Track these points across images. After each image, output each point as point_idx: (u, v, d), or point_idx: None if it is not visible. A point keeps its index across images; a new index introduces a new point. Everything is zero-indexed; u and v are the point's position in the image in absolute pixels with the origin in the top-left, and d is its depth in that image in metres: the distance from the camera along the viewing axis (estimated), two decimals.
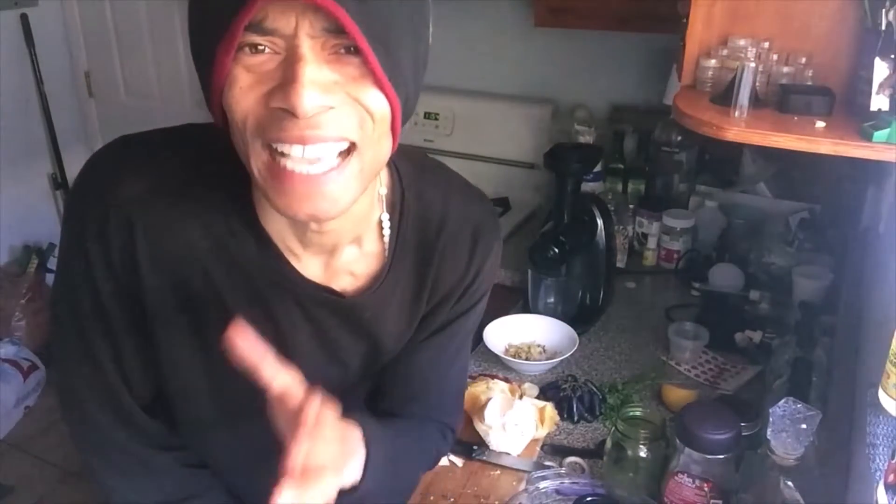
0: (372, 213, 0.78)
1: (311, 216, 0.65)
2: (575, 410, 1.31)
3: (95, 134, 3.18)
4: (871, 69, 0.91)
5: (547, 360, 1.47)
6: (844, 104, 1.01)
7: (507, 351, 1.50)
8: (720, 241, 1.88)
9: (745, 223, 1.88)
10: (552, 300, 1.63)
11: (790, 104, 1.00)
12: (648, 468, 1.07)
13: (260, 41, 0.58)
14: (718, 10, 1.11)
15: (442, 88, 2.33)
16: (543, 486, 1.07)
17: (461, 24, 2.27)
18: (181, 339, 0.77)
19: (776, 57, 1.08)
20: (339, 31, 0.57)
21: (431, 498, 1.13)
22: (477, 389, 1.29)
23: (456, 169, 0.89)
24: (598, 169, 2.02)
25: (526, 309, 1.65)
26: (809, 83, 1.06)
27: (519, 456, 1.21)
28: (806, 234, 1.76)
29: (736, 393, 1.37)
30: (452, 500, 1.13)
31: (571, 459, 1.21)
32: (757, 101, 1.01)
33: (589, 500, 1.01)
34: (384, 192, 0.79)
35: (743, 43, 1.09)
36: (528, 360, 1.47)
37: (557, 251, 1.51)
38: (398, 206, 0.81)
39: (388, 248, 0.81)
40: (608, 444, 1.11)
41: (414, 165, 0.83)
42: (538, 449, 1.24)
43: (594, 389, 1.35)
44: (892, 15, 0.89)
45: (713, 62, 1.11)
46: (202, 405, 0.84)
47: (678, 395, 1.33)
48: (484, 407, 1.23)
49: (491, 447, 1.22)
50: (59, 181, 3.09)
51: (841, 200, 1.77)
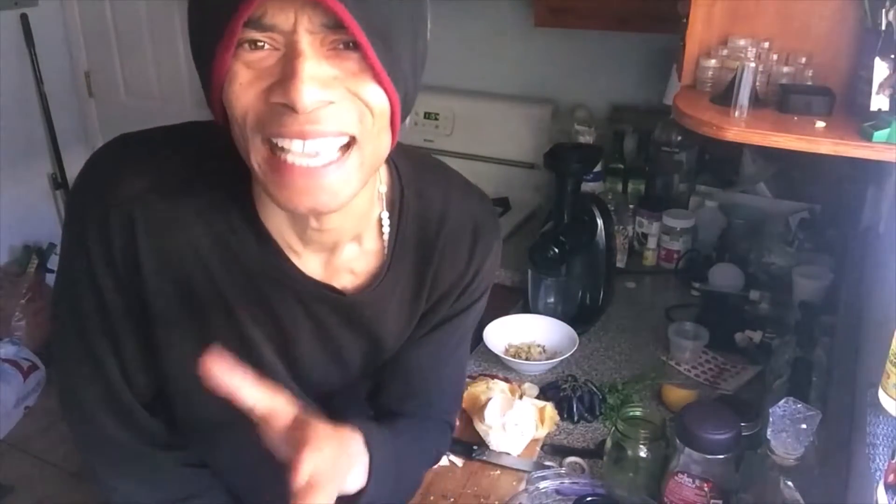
0: (372, 210, 0.78)
1: (311, 209, 0.65)
2: (575, 410, 1.31)
3: (95, 134, 3.18)
4: (871, 69, 0.91)
5: (547, 360, 1.47)
6: (844, 104, 1.01)
7: (507, 351, 1.50)
8: (720, 241, 1.88)
9: (745, 223, 1.87)
10: (552, 300, 1.63)
11: (790, 104, 1.00)
12: (648, 468, 1.07)
13: (259, 37, 0.58)
14: (718, 10, 1.11)
15: (442, 88, 2.33)
16: (543, 486, 1.07)
17: (461, 24, 2.27)
18: (182, 337, 0.77)
19: (776, 57, 1.08)
20: (337, 26, 0.57)
21: (431, 498, 1.12)
22: (477, 389, 1.29)
23: (456, 169, 0.89)
24: (598, 169, 2.02)
25: (526, 309, 1.65)
26: (809, 83, 1.06)
27: (519, 456, 1.21)
28: (806, 234, 1.76)
29: (736, 393, 1.37)
30: (452, 500, 1.13)
31: (571, 459, 1.21)
32: (757, 101, 1.01)
33: (589, 500, 1.01)
34: (384, 190, 0.79)
35: (743, 43, 1.09)
36: (528, 360, 1.47)
37: (557, 251, 1.52)
38: (398, 204, 0.81)
39: (387, 246, 0.81)
40: (608, 444, 1.11)
41: (414, 164, 0.83)
42: (538, 449, 1.24)
43: (594, 389, 1.35)
44: (892, 15, 0.89)
45: (713, 62, 1.11)
46: (202, 404, 0.84)
47: (678, 395, 1.33)
48: (484, 407, 1.23)
49: (491, 447, 1.22)
50: (59, 181, 3.09)
51: (841, 200, 1.77)
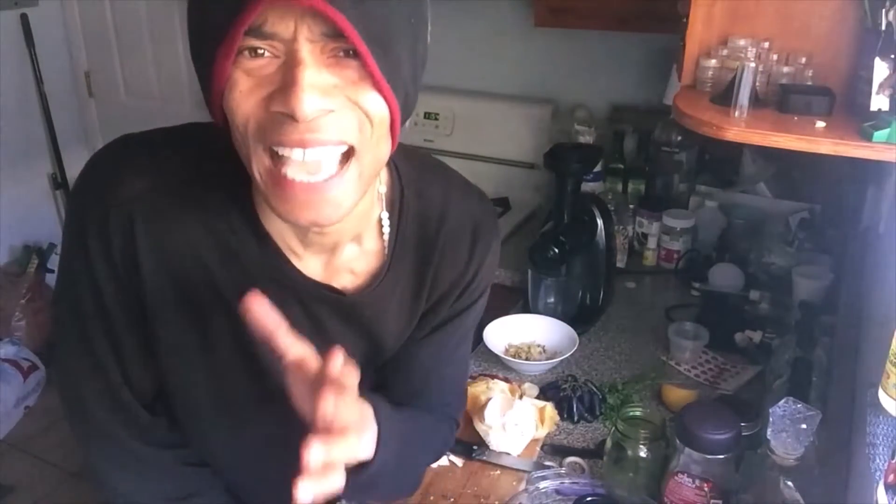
0: (372, 211, 0.78)
1: (312, 222, 0.65)
2: (575, 410, 1.31)
3: (95, 134, 3.18)
4: (871, 69, 0.91)
5: (547, 360, 1.47)
6: (844, 104, 1.01)
7: (507, 351, 1.50)
8: (720, 241, 1.87)
9: (745, 223, 1.87)
10: (552, 300, 1.63)
11: (790, 104, 1.00)
12: (648, 468, 1.07)
13: (259, 45, 0.58)
14: (718, 10, 1.11)
15: (442, 88, 2.33)
16: (543, 486, 1.07)
17: (461, 24, 2.27)
18: (182, 337, 0.78)
19: (776, 57, 1.08)
20: (337, 34, 0.57)
21: (431, 498, 1.12)
22: (477, 389, 1.29)
23: (456, 169, 0.89)
24: (598, 169, 2.02)
25: (526, 309, 1.65)
26: (809, 83, 1.06)
27: (519, 456, 1.21)
28: (806, 234, 1.76)
29: (736, 393, 1.37)
30: (452, 500, 1.13)
31: (571, 459, 1.21)
32: (757, 101, 1.01)
33: (589, 500, 1.01)
34: (384, 190, 0.79)
35: (743, 43, 1.09)
36: (528, 360, 1.46)
37: (557, 251, 1.51)
38: (398, 204, 0.81)
39: (387, 246, 0.81)
40: (608, 444, 1.11)
41: (413, 164, 0.83)
42: (538, 449, 1.24)
43: (594, 389, 1.35)
44: (892, 15, 0.89)
45: (713, 62, 1.11)
46: (203, 403, 0.84)
47: (678, 395, 1.33)
48: (484, 407, 1.23)
49: (491, 447, 1.22)
50: (59, 181, 3.09)
51: (841, 200, 1.77)
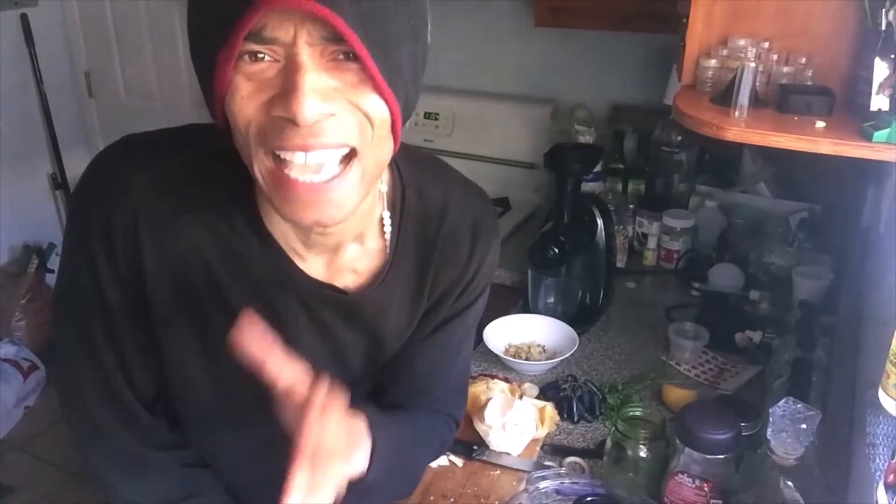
0: (374, 210, 0.79)
1: (316, 222, 0.65)
2: (575, 410, 1.31)
3: (95, 134, 3.18)
4: (871, 69, 0.91)
5: (547, 360, 1.47)
6: (844, 104, 1.01)
7: (507, 351, 1.50)
8: (720, 241, 1.87)
9: (745, 223, 1.87)
10: (552, 300, 1.63)
11: (790, 104, 1.00)
12: (648, 468, 1.07)
13: (259, 49, 0.58)
14: (718, 10, 1.11)
15: (442, 88, 2.33)
16: (543, 486, 1.07)
17: (461, 24, 2.27)
18: (184, 337, 0.78)
19: (776, 57, 1.08)
20: (337, 38, 0.57)
21: (431, 498, 1.12)
22: (477, 389, 1.29)
23: (456, 169, 0.90)
24: (598, 169, 2.02)
25: (526, 309, 1.65)
26: (809, 83, 1.06)
27: (519, 456, 1.21)
28: (806, 234, 1.76)
29: (736, 393, 1.37)
30: (452, 500, 1.13)
31: (571, 459, 1.21)
32: (757, 101, 1.01)
33: (589, 500, 1.02)
34: (385, 189, 0.79)
35: (743, 43, 1.09)
36: (528, 360, 1.46)
37: (557, 251, 1.51)
38: (399, 203, 0.81)
39: (389, 245, 0.81)
40: (608, 444, 1.11)
41: (414, 163, 0.84)
42: (538, 449, 1.24)
43: (594, 389, 1.35)
44: (892, 15, 0.89)
45: (713, 62, 1.11)
46: (204, 404, 0.84)
47: (678, 395, 1.32)
48: (484, 407, 1.23)
49: (491, 447, 1.22)
50: (59, 181, 3.09)
51: (841, 200, 1.77)
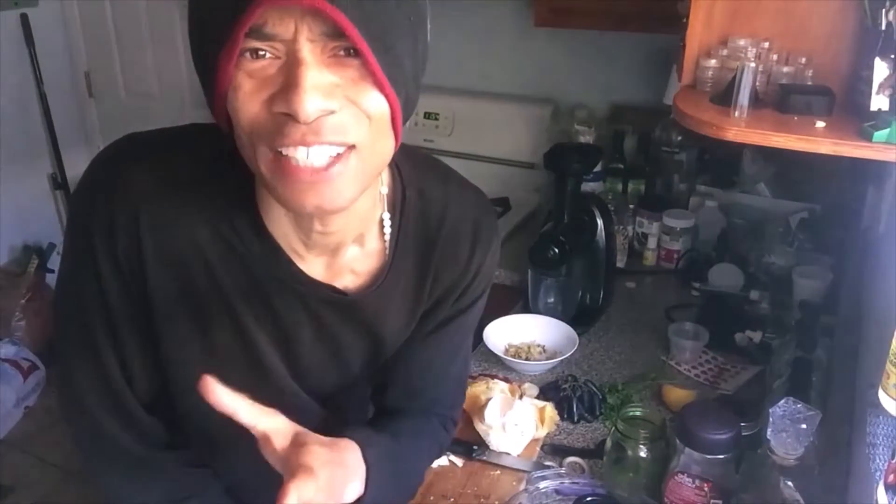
0: (374, 211, 0.79)
1: (317, 207, 0.65)
2: (575, 410, 1.31)
3: (95, 134, 3.18)
4: (871, 69, 0.91)
5: (547, 360, 1.47)
6: (844, 104, 1.01)
7: (507, 351, 1.50)
8: (720, 241, 1.87)
9: (745, 223, 1.87)
10: (552, 300, 1.63)
11: (790, 104, 1.00)
12: (648, 468, 1.07)
13: (260, 46, 0.58)
14: (718, 10, 1.11)
15: (442, 88, 2.32)
16: (543, 486, 1.07)
17: (461, 24, 2.27)
18: (185, 337, 0.78)
19: (776, 57, 1.08)
20: (338, 34, 0.57)
21: (431, 498, 1.12)
22: (477, 389, 1.29)
23: (456, 169, 0.90)
24: (598, 169, 2.02)
25: (526, 309, 1.65)
26: (809, 83, 1.06)
27: (519, 456, 1.21)
28: (806, 234, 1.76)
29: (736, 393, 1.37)
30: (452, 500, 1.13)
31: (571, 459, 1.21)
32: (757, 101, 1.01)
33: (589, 500, 1.02)
34: (385, 191, 0.79)
35: (743, 43, 1.09)
36: (528, 360, 1.46)
37: (557, 251, 1.51)
38: (399, 204, 0.81)
39: (389, 245, 0.81)
40: (608, 444, 1.11)
41: (414, 164, 0.84)
42: (538, 449, 1.24)
43: (594, 389, 1.35)
44: (892, 15, 0.89)
45: (713, 62, 1.11)
46: (204, 404, 0.83)
47: (678, 395, 1.33)
48: (484, 407, 1.23)
49: (491, 447, 1.22)
50: (59, 181, 3.09)
51: (841, 200, 1.77)
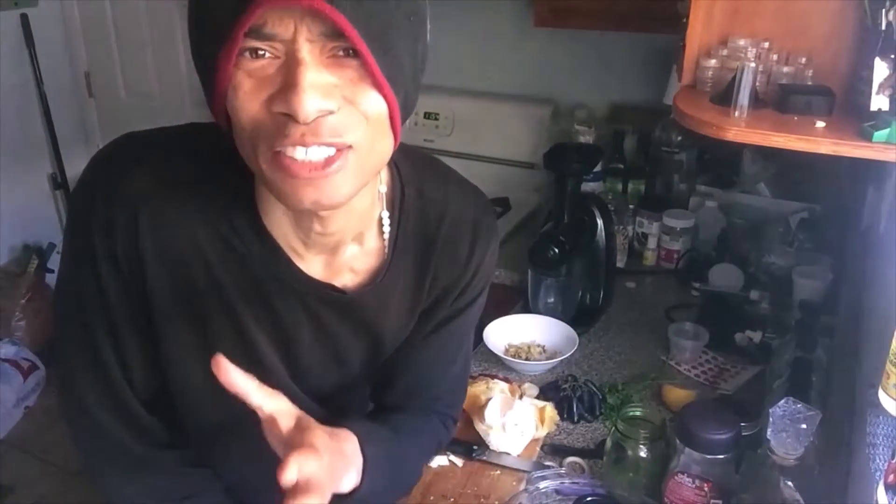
0: (373, 210, 0.79)
1: (314, 202, 0.65)
2: (575, 410, 1.31)
3: (95, 134, 3.18)
4: (871, 69, 0.91)
5: (547, 360, 1.47)
6: (844, 104, 1.01)
7: (507, 351, 1.50)
8: (720, 241, 1.87)
9: (745, 223, 1.87)
10: (552, 300, 1.63)
11: (790, 104, 1.00)
12: (648, 468, 1.07)
13: (260, 46, 0.59)
14: (718, 10, 1.11)
15: (442, 88, 2.33)
16: (543, 486, 1.07)
17: (461, 24, 2.27)
18: (184, 336, 0.78)
19: (776, 57, 1.08)
20: (337, 34, 0.58)
21: (431, 498, 1.12)
22: (477, 389, 1.29)
23: (456, 169, 0.90)
24: (598, 169, 2.02)
25: (526, 309, 1.65)
26: (809, 83, 1.06)
27: (519, 456, 1.21)
28: (806, 234, 1.76)
29: (736, 393, 1.37)
30: (452, 500, 1.13)
31: (571, 459, 1.21)
32: (757, 101, 1.01)
33: (589, 500, 1.02)
34: (384, 190, 0.79)
35: (743, 43, 1.09)
36: (528, 360, 1.46)
37: (557, 251, 1.51)
38: (398, 203, 0.81)
39: (388, 244, 0.81)
40: (608, 444, 1.11)
41: (413, 163, 0.84)
42: (538, 449, 1.24)
43: (594, 389, 1.35)
44: (892, 15, 0.89)
45: (713, 62, 1.11)
46: (203, 402, 0.84)
47: (678, 395, 1.33)
48: (484, 407, 1.23)
49: (491, 447, 1.22)
50: (59, 181, 3.09)
51: (841, 200, 1.77)
